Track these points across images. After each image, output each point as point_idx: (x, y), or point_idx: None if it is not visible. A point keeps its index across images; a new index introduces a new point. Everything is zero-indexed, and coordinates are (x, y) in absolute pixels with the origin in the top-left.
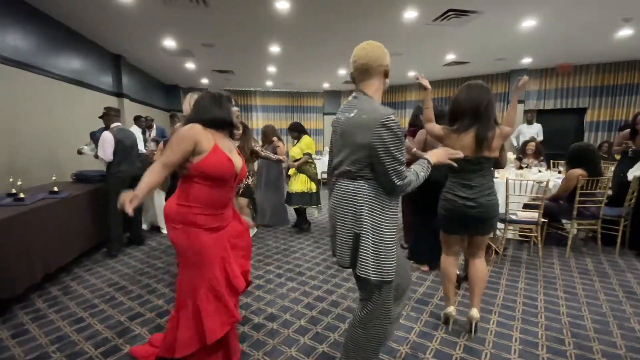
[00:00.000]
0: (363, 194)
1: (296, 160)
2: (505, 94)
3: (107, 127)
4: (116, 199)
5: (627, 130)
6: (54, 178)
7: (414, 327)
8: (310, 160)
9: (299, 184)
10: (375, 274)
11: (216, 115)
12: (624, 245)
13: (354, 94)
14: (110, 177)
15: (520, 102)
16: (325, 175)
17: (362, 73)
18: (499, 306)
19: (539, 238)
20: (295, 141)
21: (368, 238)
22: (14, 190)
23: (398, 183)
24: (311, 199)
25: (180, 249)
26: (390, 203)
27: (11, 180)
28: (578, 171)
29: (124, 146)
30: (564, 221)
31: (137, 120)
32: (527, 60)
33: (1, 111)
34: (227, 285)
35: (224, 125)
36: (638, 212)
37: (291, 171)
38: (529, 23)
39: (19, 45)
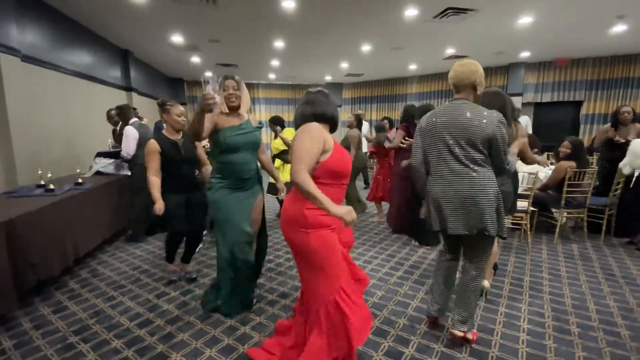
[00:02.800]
0: (493, 178)
1: (282, 152)
2: (504, 87)
3: (124, 124)
4: (144, 188)
5: (607, 125)
6: (78, 170)
7: (411, 302)
8: None
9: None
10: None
11: (334, 112)
12: (610, 232)
13: (462, 101)
14: (136, 169)
15: (517, 95)
16: None
17: (466, 86)
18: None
19: (528, 226)
20: (274, 134)
21: (500, 207)
22: (42, 182)
23: (507, 165)
24: None
25: (312, 253)
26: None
27: (40, 172)
28: (567, 163)
29: (145, 139)
30: (553, 210)
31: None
32: (525, 54)
33: (22, 107)
34: (353, 280)
35: (336, 123)
36: (623, 201)
37: (277, 163)
38: (525, 20)
39: (36, 44)
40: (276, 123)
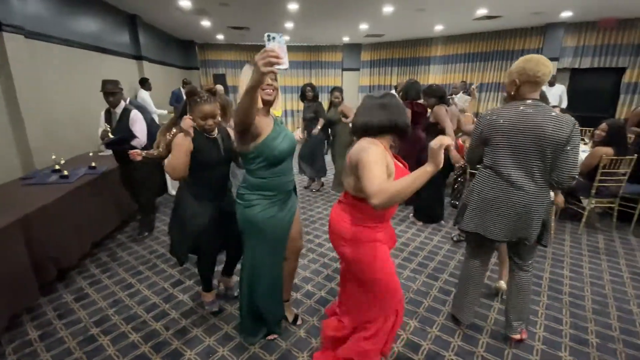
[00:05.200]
0: (548, 190)
1: None
2: (539, 51)
3: (114, 106)
4: (153, 177)
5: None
6: (90, 154)
7: (423, 301)
8: None
9: None
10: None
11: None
12: None
13: (536, 102)
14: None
15: (553, 59)
16: None
17: (540, 85)
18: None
19: (552, 216)
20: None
21: (548, 218)
22: (57, 167)
23: (575, 175)
24: None
25: (365, 267)
26: None
27: (54, 157)
28: (603, 149)
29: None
30: (582, 198)
31: (144, 83)
32: (566, 14)
33: (31, 87)
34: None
35: (401, 131)
36: None
37: None
38: None
39: (39, 17)
40: None
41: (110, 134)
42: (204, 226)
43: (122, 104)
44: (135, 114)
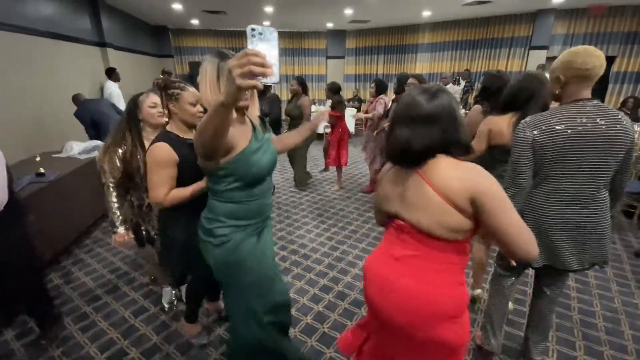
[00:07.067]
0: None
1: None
2: (528, 38)
3: None
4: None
5: None
6: (37, 159)
7: None
8: None
9: None
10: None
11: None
12: None
13: (593, 102)
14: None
15: (542, 48)
16: (328, 130)
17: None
18: None
19: None
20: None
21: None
22: None
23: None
24: None
25: (455, 350)
26: None
27: None
28: None
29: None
30: None
31: (112, 73)
32: (557, 0)
33: None
34: None
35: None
36: None
37: None
38: None
39: None
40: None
41: None
42: (193, 250)
43: None
44: None
